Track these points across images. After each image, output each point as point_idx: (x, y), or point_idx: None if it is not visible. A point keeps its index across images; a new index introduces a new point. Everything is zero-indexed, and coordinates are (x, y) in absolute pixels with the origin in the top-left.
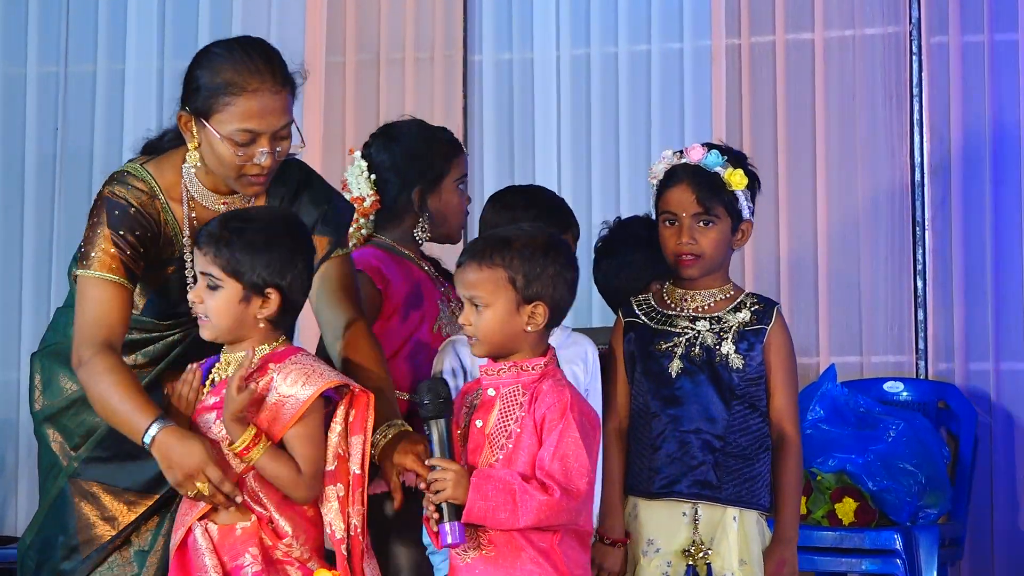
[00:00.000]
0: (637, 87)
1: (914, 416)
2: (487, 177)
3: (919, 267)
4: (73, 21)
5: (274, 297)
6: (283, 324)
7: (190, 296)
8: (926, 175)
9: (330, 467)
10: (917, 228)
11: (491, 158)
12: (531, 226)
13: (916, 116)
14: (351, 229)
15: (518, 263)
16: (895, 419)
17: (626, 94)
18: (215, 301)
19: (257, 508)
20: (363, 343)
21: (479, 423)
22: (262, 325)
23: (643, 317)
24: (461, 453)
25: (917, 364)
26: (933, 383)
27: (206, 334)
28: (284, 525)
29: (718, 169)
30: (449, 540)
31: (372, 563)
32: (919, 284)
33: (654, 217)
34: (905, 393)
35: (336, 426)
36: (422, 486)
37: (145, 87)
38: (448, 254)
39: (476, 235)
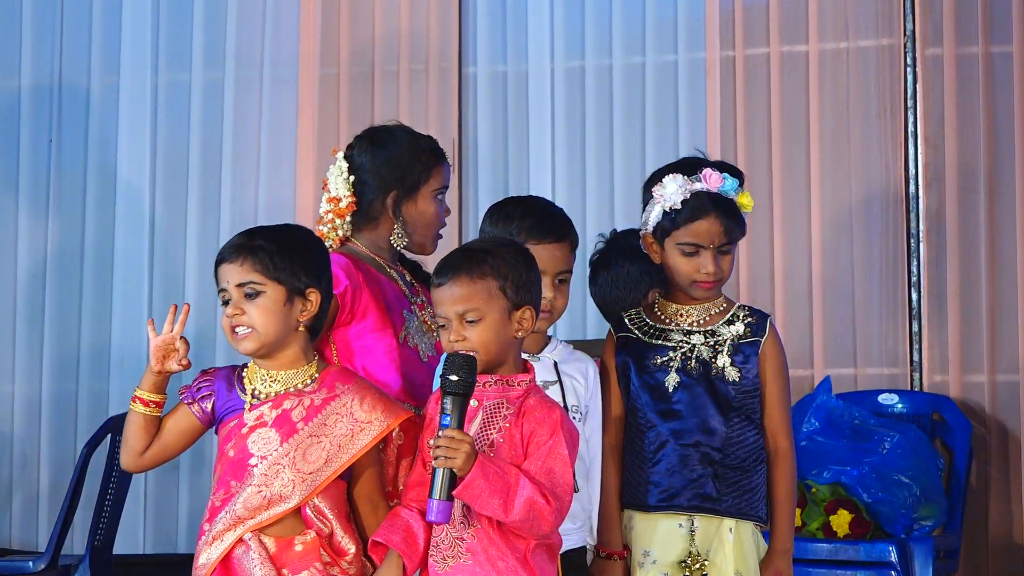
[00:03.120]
0: (631, 99)
1: (909, 428)
2: (481, 189)
3: (913, 279)
4: (67, 34)
5: (314, 298)
6: (315, 332)
7: (228, 313)
8: (921, 187)
9: None
10: (911, 240)
11: (486, 170)
12: (492, 238)
13: (911, 128)
14: (327, 228)
15: (505, 270)
16: (890, 431)
17: (620, 106)
18: (258, 308)
19: (318, 523)
20: None
21: None
22: (302, 329)
23: (636, 331)
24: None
25: (912, 376)
26: (928, 395)
27: (249, 346)
28: (347, 544)
29: (733, 195)
30: (433, 517)
31: None
32: (913, 296)
33: (654, 234)
34: (900, 405)
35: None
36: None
37: (139, 100)
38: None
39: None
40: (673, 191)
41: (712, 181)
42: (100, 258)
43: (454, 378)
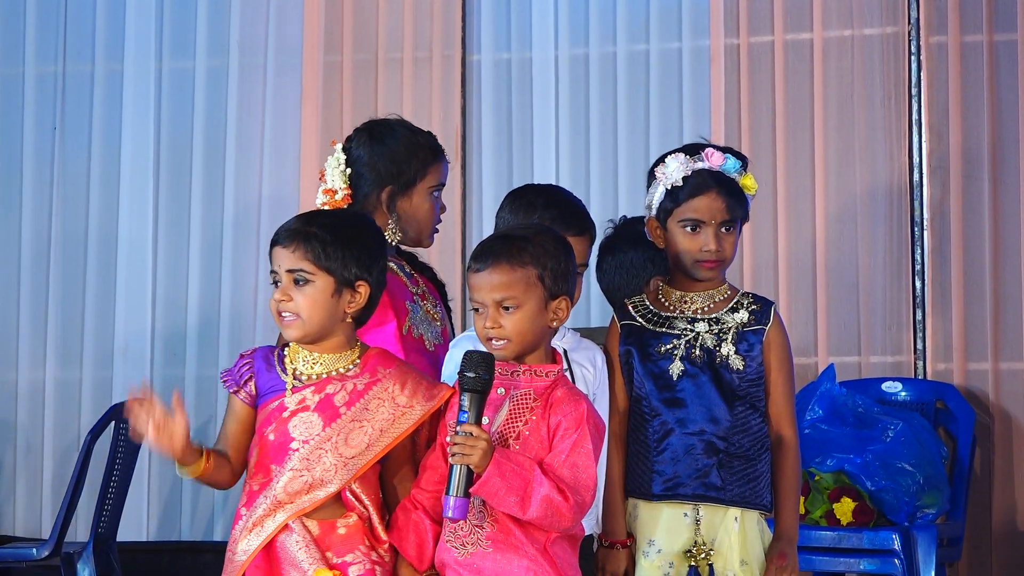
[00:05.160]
0: (636, 87)
1: (912, 416)
2: (486, 177)
3: (917, 267)
4: (71, 21)
5: (363, 290)
6: (362, 322)
7: (276, 297)
8: (925, 175)
9: None
10: (915, 228)
11: (489, 158)
12: (530, 224)
13: (915, 116)
14: None
15: (545, 259)
16: (893, 419)
17: (624, 94)
18: (306, 297)
19: (358, 507)
20: None
21: (485, 419)
22: (349, 320)
23: (640, 319)
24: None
25: (915, 364)
26: (931, 383)
27: (294, 334)
28: (381, 531)
29: (735, 175)
30: (450, 514)
31: None
32: (917, 284)
33: (658, 217)
34: (903, 393)
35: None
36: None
37: (143, 87)
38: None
39: (487, 232)
40: (675, 169)
41: (714, 159)
42: (104, 246)
43: (472, 375)
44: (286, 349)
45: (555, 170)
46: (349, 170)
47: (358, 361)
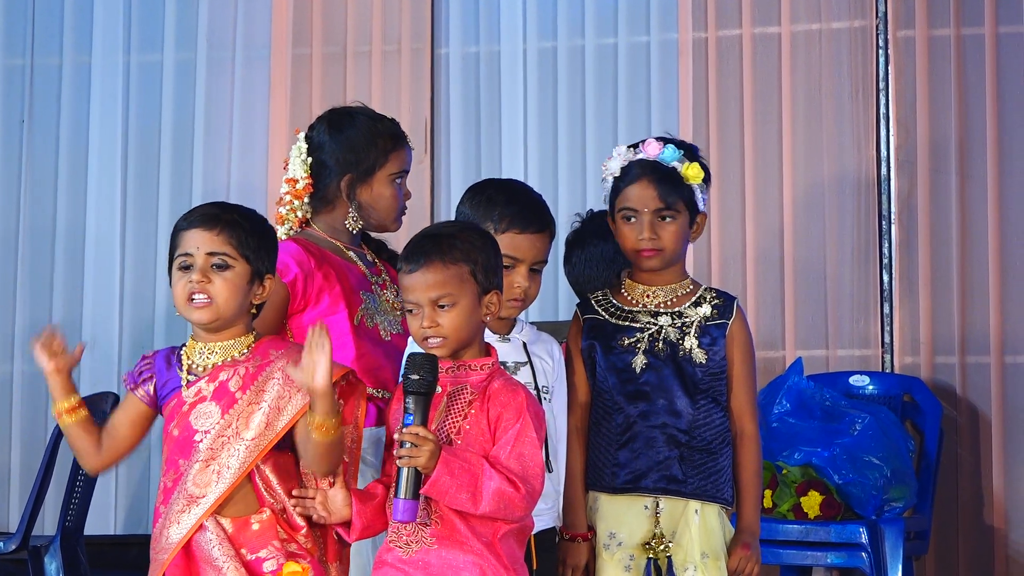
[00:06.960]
0: (604, 80)
1: (880, 410)
2: (454, 170)
3: (885, 261)
4: (39, 14)
5: (269, 284)
6: (256, 315)
7: (193, 279)
8: (892, 169)
9: None
10: (883, 222)
11: (458, 151)
12: (454, 221)
13: (883, 110)
14: (285, 210)
15: (475, 255)
16: (861, 412)
17: (593, 87)
18: (225, 282)
19: (269, 498)
20: None
21: None
22: (252, 312)
23: (603, 313)
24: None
25: (883, 358)
26: (899, 377)
27: (205, 316)
28: (298, 517)
29: (675, 164)
30: (400, 516)
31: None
32: (885, 278)
33: (611, 213)
34: (871, 387)
35: None
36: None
37: (111, 80)
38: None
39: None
40: (614, 162)
41: (650, 149)
42: (72, 238)
43: (415, 377)
44: (184, 347)
45: (523, 163)
46: (310, 159)
47: (252, 345)
